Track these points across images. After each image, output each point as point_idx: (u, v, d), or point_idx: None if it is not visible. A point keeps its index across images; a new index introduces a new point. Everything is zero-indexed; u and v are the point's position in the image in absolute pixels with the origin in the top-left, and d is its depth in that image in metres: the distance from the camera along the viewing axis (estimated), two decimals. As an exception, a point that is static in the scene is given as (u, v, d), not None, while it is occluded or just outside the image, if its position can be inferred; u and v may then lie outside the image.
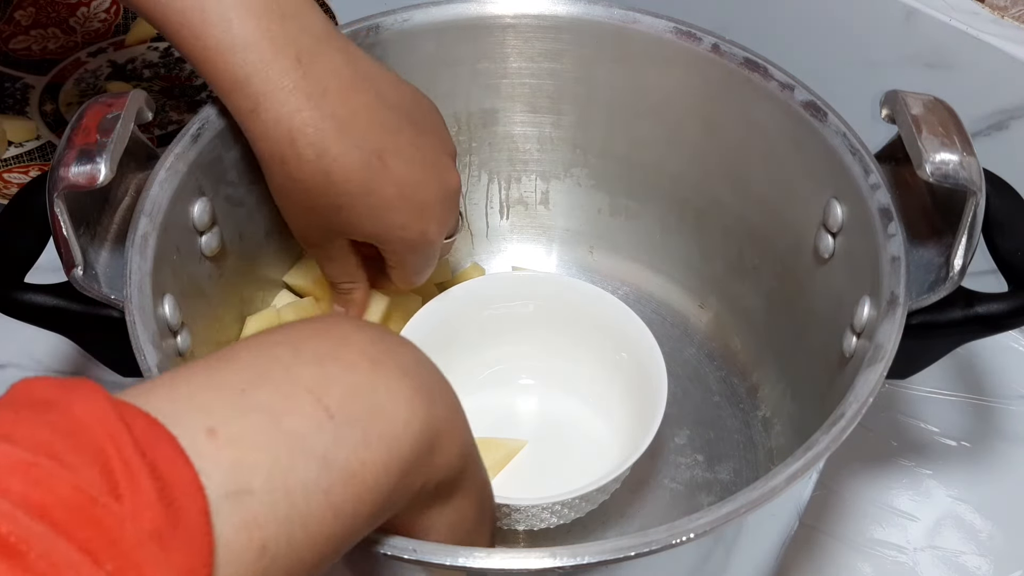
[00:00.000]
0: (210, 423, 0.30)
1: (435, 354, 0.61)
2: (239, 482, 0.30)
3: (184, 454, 0.29)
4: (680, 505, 0.61)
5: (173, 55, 0.88)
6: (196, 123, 0.56)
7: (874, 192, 0.53)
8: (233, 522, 0.29)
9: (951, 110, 0.52)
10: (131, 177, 0.54)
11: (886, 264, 0.51)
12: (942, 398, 0.69)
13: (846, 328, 0.54)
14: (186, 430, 0.29)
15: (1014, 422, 0.68)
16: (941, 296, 0.50)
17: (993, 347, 0.70)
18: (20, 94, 0.85)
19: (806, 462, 0.44)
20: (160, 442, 0.29)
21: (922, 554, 0.62)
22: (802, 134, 0.58)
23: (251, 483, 0.30)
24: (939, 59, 0.71)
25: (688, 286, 0.70)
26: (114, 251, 0.52)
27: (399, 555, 0.40)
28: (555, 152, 0.69)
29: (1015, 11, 0.70)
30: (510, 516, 0.56)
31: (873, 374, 0.47)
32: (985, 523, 0.64)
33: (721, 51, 0.60)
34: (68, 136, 0.50)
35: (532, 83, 0.66)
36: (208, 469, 0.29)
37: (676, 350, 0.67)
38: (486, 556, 0.40)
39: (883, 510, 0.64)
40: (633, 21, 0.62)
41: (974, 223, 0.50)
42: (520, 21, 0.64)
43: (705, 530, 0.41)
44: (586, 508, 0.57)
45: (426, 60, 0.64)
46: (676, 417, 0.64)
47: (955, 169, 0.49)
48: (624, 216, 0.70)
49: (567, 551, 0.40)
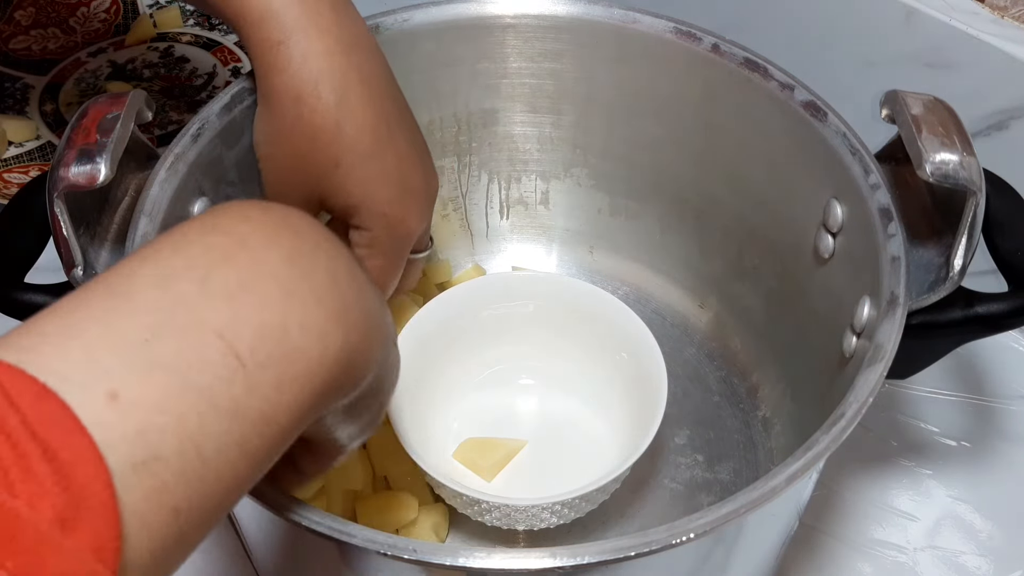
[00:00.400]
0: (110, 385, 0.28)
1: (435, 354, 0.62)
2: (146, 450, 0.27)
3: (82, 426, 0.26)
4: (680, 505, 0.61)
5: (173, 55, 0.88)
6: (196, 123, 0.56)
7: (874, 192, 0.53)
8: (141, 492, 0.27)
9: (951, 110, 0.52)
10: (131, 177, 0.54)
11: (886, 264, 0.51)
12: (942, 398, 0.69)
13: (846, 328, 0.54)
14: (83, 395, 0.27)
15: (1014, 422, 0.68)
16: (941, 296, 0.50)
17: (993, 347, 0.70)
18: (20, 94, 0.85)
19: (806, 462, 0.44)
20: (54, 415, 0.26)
21: (922, 554, 0.62)
22: (802, 134, 0.58)
23: (159, 450, 0.28)
24: (939, 59, 0.71)
25: (688, 286, 0.70)
26: (114, 251, 0.52)
27: (399, 555, 0.40)
28: (555, 152, 0.69)
29: (1015, 11, 0.70)
30: (510, 516, 0.56)
31: (873, 374, 0.47)
32: (985, 523, 0.64)
33: (721, 51, 0.60)
34: (68, 136, 0.50)
35: (532, 83, 0.66)
36: (111, 440, 0.27)
37: (676, 350, 0.67)
38: (486, 556, 0.40)
39: (883, 510, 0.64)
40: (633, 21, 0.62)
41: (974, 223, 0.50)
42: (520, 21, 0.64)
43: (705, 530, 0.41)
44: (586, 508, 0.57)
45: (426, 60, 0.64)
46: (676, 417, 0.64)
47: (955, 169, 0.49)
48: (624, 216, 0.70)
49: (567, 551, 0.41)
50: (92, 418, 0.26)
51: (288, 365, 0.32)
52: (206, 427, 0.29)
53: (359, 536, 0.41)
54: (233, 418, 0.30)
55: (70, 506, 0.25)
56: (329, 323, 0.33)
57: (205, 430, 0.29)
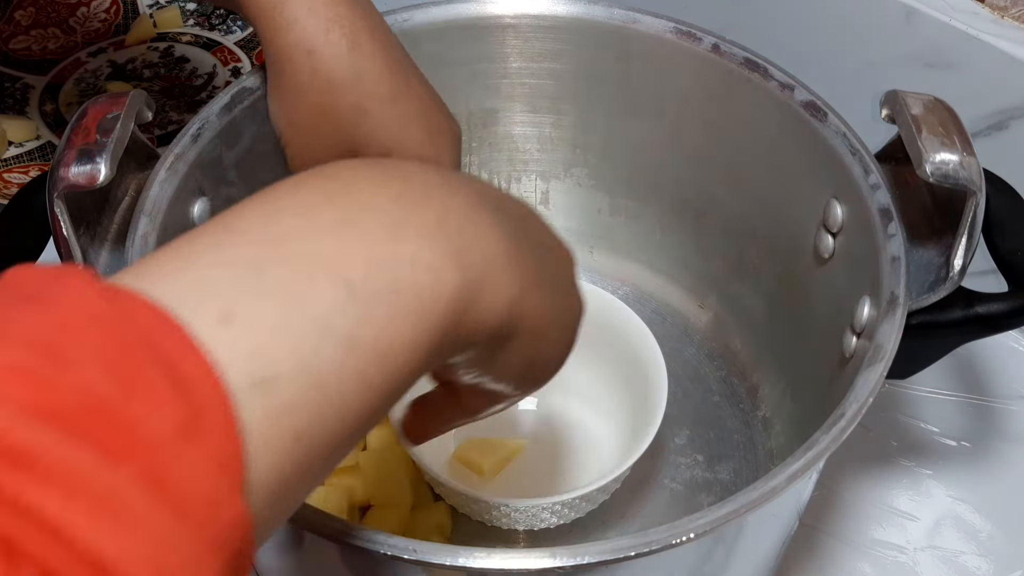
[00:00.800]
0: (224, 308, 0.27)
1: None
2: (264, 369, 0.27)
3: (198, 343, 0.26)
4: (680, 505, 0.61)
5: (173, 55, 0.88)
6: (196, 123, 0.56)
7: (874, 192, 0.53)
8: (261, 412, 0.27)
9: (951, 110, 0.52)
10: (131, 177, 0.54)
11: (886, 264, 0.51)
12: (942, 398, 0.69)
13: (846, 328, 0.54)
14: (197, 317, 0.27)
15: (1014, 422, 0.68)
16: (941, 296, 0.50)
17: (993, 347, 0.70)
18: (20, 94, 0.85)
19: (806, 462, 0.44)
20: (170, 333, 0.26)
21: (922, 554, 0.62)
22: (802, 134, 0.58)
23: (277, 369, 0.27)
24: (939, 59, 0.71)
25: (688, 286, 0.70)
26: (114, 251, 0.52)
27: (399, 555, 0.40)
28: (555, 152, 0.69)
29: (1015, 11, 0.70)
30: (510, 516, 0.56)
31: (873, 374, 0.47)
32: (985, 523, 0.64)
33: (721, 51, 0.60)
34: (68, 136, 0.50)
35: (532, 83, 0.66)
36: (227, 359, 0.26)
37: (676, 350, 0.67)
38: (486, 556, 0.40)
39: (883, 510, 0.64)
40: (633, 21, 0.62)
41: (974, 223, 0.50)
42: (520, 21, 0.64)
43: (705, 530, 0.41)
44: (586, 508, 0.57)
45: (426, 60, 0.63)
46: (676, 417, 0.64)
47: (955, 169, 0.49)
48: (624, 216, 0.70)
49: (567, 551, 0.40)
50: (208, 337, 0.26)
51: (401, 298, 0.31)
52: (322, 354, 0.29)
53: (360, 536, 0.41)
54: (349, 348, 0.29)
55: (190, 418, 0.25)
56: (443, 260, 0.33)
57: (321, 356, 0.29)
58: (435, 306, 0.32)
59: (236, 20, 0.91)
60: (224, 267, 0.29)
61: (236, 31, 0.90)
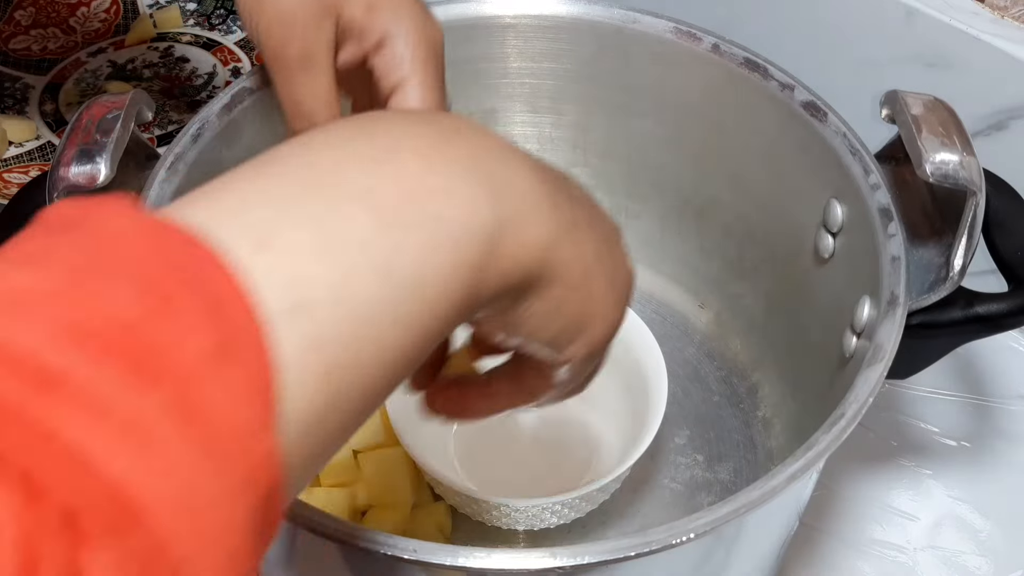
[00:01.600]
0: (259, 235, 0.28)
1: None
2: (298, 296, 0.27)
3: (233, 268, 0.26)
4: (680, 505, 0.61)
5: (173, 55, 0.88)
6: (196, 123, 0.56)
7: (874, 192, 0.53)
8: (296, 340, 0.26)
9: (951, 110, 0.52)
10: (131, 177, 0.54)
11: (886, 264, 0.51)
12: (942, 398, 0.69)
13: (846, 328, 0.54)
14: (233, 243, 0.27)
15: (1014, 422, 0.68)
16: (941, 296, 0.50)
17: (993, 347, 0.70)
18: (20, 94, 0.85)
19: (806, 462, 0.44)
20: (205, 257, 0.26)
21: (922, 554, 0.62)
22: (802, 134, 0.58)
23: (311, 297, 0.27)
24: (939, 59, 0.71)
25: (688, 286, 0.70)
26: (114, 251, 0.52)
27: (399, 555, 0.40)
28: (555, 152, 0.69)
29: (1015, 11, 0.70)
30: (510, 516, 0.56)
31: (873, 374, 0.47)
32: (985, 523, 0.64)
33: (721, 51, 0.60)
34: (68, 136, 0.50)
35: (532, 83, 0.66)
36: (262, 283, 0.26)
37: (676, 350, 0.67)
38: (486, 556, 0.40)
39: (883, 510, 0.64)
40: (633, 21, 0.62)
41: (974, 223, 0.50)
42: (520, 21, 0.64)
43: (705, 530, 0.41)
44: (586, 508, 0.57)
45: (426, 60, 0.64)
46: (676, 417, 0.64)
47: (955, 169, 0.49)
48: (624, 216, 0.70)
49: (567, 551, 0.41)
50: (243, 262, 0.26)
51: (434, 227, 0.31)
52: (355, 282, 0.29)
53: (360, 536, 0.41)
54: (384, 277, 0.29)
55: (223, 342, 0.25)
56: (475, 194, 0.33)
57: (354, 284, 0.29)
58: (468, 239, 0.32)
59: (236, 20, 0.91)
60: (261, 197, 0.29)
61: (236, 31, 0.90)
